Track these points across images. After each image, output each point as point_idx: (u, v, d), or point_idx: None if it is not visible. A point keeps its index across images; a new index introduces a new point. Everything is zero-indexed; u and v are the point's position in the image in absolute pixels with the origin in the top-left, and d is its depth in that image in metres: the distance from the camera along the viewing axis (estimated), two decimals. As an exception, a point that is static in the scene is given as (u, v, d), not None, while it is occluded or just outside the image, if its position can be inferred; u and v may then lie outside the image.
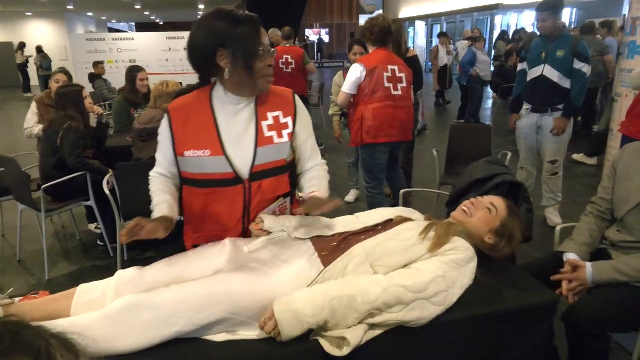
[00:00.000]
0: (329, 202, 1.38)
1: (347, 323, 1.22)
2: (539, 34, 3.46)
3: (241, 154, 1.42)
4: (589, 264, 1.64)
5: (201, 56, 1.38)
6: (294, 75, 5.49)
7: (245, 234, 1.51)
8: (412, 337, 1.30)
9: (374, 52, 3.09)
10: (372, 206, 3.14)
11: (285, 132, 1.47)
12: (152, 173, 1.54)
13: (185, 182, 1.50)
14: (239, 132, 1.43)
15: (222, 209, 1.46)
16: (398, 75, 3.06)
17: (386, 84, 3.01)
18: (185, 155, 1.43)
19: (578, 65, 3.18)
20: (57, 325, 1.16)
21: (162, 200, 1.44)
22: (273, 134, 1.45)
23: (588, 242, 1.77)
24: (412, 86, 3.22)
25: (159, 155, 1.52)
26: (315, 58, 23.38)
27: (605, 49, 5.98)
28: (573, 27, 11.54)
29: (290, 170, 1.53)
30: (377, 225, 1.54)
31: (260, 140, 1.44)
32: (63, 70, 4.00)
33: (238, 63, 1.35)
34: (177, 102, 1.49)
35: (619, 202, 1.75)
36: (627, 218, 1.71)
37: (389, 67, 3.03)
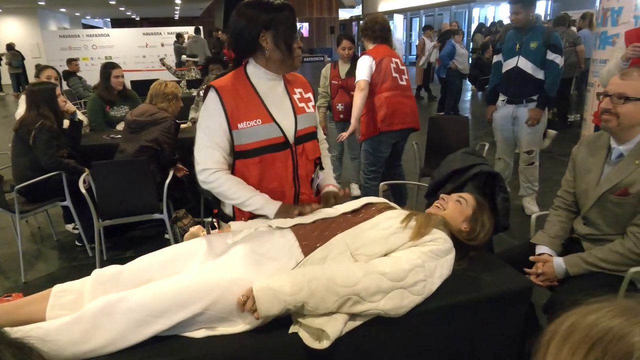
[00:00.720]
0: (341, 193, 1.72)
1: (326, 306, 1.22)
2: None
3: (285, 120, 1.61)
4: (558, 259, 1.71)
5: (245, 38, 1.53)
6: None
7: (298, 196, 1.67)
8: (392, 328, 1.31)
9: (376, 47, 3.25)
10: (366, 196, 3.20)
11: (310, 105, 1.72)
12: (205, 169, 1.55)
13: (238, 156, 1.58)
14: (278, 103, 1.62)
15: (276, 173, 1.61)
16: (401, 67, 3.25)
17: (393, 74, 3.19)
18: (239, 128, 1.55)
19: (551, 56, 3.24)
20: (17, 330, 1.13)
21: (255, 193, 1.56)
22: (303, 105, 1.68)
23: (560, 234, 1.85)
24: None
25: (207, 143, 1.55)
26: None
27: (577, 39, 6.10)
28: (548, 19, 11.73)
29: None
30: (357, 211, 1.57)
31: (296, 109, 1.65)
32: (50, 66, 3.90)
33: (279, 44, 1.53)
34: (219, 82, 1.59)
35: (581, 195, 1.80)
36: (589, 214, 1.75)
37: (393, 59, 3.21)
